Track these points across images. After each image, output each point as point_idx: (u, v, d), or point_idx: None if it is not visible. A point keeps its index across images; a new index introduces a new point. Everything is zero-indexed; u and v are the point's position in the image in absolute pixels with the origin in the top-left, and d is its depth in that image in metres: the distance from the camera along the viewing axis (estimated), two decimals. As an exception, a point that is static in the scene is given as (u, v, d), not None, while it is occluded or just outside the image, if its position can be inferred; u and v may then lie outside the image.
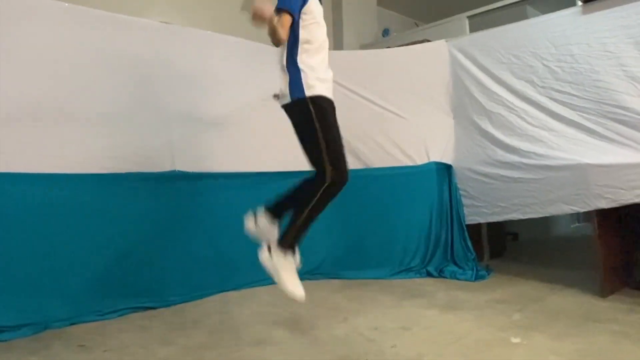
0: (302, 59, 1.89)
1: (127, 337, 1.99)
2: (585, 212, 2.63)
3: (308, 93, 1.86)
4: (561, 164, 2.63)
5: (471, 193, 3.10)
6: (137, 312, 2.36)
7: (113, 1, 3.06)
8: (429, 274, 3.02)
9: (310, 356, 1.74)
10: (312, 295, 1.91)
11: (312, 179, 1.87)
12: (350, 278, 3.00)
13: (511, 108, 2.97)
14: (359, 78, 3.36)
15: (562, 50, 2.78)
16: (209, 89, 2.84)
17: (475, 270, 2.93)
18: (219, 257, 2.74)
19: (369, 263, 3.09)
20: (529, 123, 2.87)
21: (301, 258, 1.89)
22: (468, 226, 3.12)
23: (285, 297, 1.79)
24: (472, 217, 3.11)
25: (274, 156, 2.97)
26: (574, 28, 2.75)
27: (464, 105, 3.24)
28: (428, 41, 3.75)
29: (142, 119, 2.57)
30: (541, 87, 2.85)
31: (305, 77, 1.87)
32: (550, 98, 2.81)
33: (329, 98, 1.94)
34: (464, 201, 3.14)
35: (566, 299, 2.39)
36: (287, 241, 1.84)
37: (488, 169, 3.00)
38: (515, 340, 1.81)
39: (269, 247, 1.85)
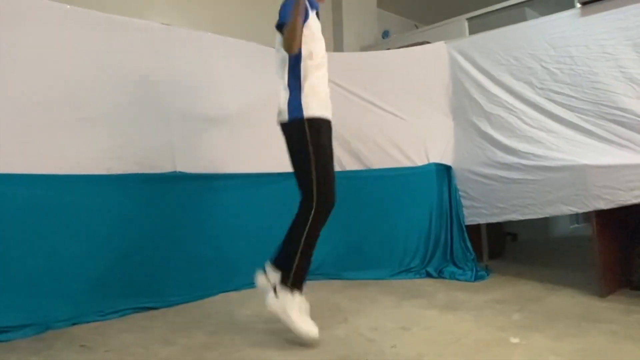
0: (303, 75, 1.88)
1: (129, 337, 2.00)
2: (584, 213, 2.65)
3: (306, 114, 1.84)
4: (560, 165, 2.64)
5: (471, 194, 3.11)
6: (139, 313, 2.37)
7: (113, 3, 3.08)
8: (429, 275, 3.03)
9: (310, 356, 1.75)
10: (313, 295, 1.92)
11: (300, 211, 1.86)
12: (350, 279, 3.01)
13: (510, 109, 2.98)
14: (359, 79, 3.37)
15: (561, 52, 2.79)
16: (210, 90, 2.85)
17: (474, 270, 2.94)
18: (220, 258, 2.75)
19: (369, 264, 3.10)
20: (528, 124, 2.88)
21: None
22: (467, 227, 3.13)
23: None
24: (472, 218, 3.12)
25: (275, 157, 2.94)
26: (573, 30, 2.76)
27: (464, 106, 3.26)
28: (428, 43, 3.76)
29: (143, 120, 2.57)
30: (540, 89, 2.86)
31: (304, 97, 1.86)
32: (549, 99, 2.82)
33: (327, 119, 1.91)
34: (464, 202, 3.15)
35: (565, 299, 2.40)
36: (291, 277, 1.83)
37: (487, 170, 3.01)
38: (514, 340, 1.82)
39: (275, 289, 1.84)
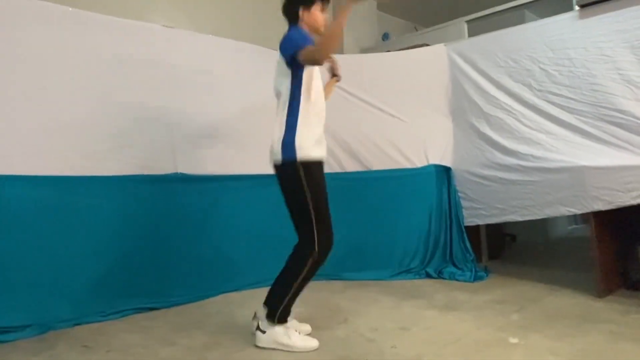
0: (300, 114, 1.82)
1: (130, 338, 2.02)
2: (582, 214, 2.65)
3: (300, 156, 1.78)
4: (558, 166, 2.65)
5: (470, 195, 3.13)
6: (140, 313, 2.38)
7: (116, 5, 3.10)
8: (428, 275, 3.04)
9: (311, 356, 1.76)
10: (313, 296, 1.93)
11: (298, 253, 1.83)
12: (350, 279, 3.02)
13: (509, 111, 2.99)
14: (359, 81, 3.38)
15: (560, 54, 2.80)
16: (211, 92, 2.86)
17: (474, 271, 2.95)
18: (221, 259, 2.77)
19: (369, 264, 3.11)
20: (527, 126, 2.90)
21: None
22: (467, 228, 3.15)
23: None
24: (471, 219, 3.14)
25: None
26: (571, 32, 2.78)
27: (463, 108, 3.27)
28: (427, 45, 3.78)
29: (145, 122, 2.59)
30: (539, 91, 2.88)
31: (298, 137, 1.80)
32: (547, 101, 2.83)
33: (321, 160, 1.87)
34: (463, 203, 3.17)
35: (564, 300, 2.41)
36: (277, 316, 1.82)
37: (486, 172, 3.03)
38: (513, 340, 1.83)
39: (258, 326, 1.83)
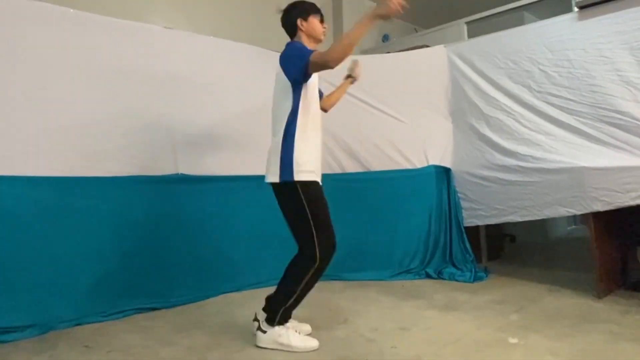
0: (298, 134, 1.81)
1: (131, 338, 2.02)
2: (581, 215, 2.66)
3: (297, 177, 1.78)
4: (558, 167, 2.66)
5: (470, 196, 3.14)
6: (141, 313, 2.39)
7: (115, 6, 3.11)
8: (428, 276, 3.05)
9: (311, 356, 1.77)
10: (313, 296, 1.93)
11: (300, 263, 1.83)
12: (350, 279, 3.03)
13: (509, 112, 3.00)
14: (359, 82, 3.38)
15: (559, 55, 2.82)
16: (211, 92, 2.87)
17: (473, 271, 2.96)
18: (221, 259, 2.77)
19: (369, 265, 3.12)
20: (526, 127, 2.91)
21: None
22: (466, 228, 3.16)
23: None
24: (471, 220, 3.15)
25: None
26: (571, 34, 2.79)
27: (463, 109, 3.28)
28: (427, 46, 3.79)
29: (146, 123, 2.59)
30: (538, 92, 2.89)
31: (297, 151, 1.79)
32: (547, 102, 2.85)
33: (318, 181, 1.87)
34: (463, 204, 3.18)
35: (563, 300, 2.42)
36: (277, 318, 1.83)
37: (486, 172, 3.04)
38: (513, 340, 1.84)
39: (259, 326, 1.85)
